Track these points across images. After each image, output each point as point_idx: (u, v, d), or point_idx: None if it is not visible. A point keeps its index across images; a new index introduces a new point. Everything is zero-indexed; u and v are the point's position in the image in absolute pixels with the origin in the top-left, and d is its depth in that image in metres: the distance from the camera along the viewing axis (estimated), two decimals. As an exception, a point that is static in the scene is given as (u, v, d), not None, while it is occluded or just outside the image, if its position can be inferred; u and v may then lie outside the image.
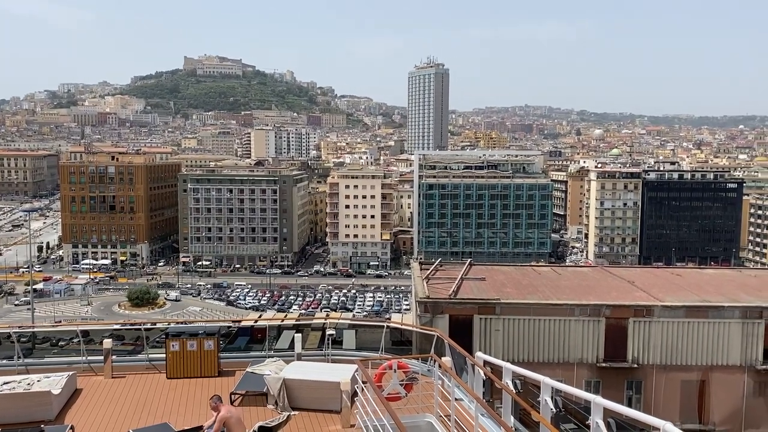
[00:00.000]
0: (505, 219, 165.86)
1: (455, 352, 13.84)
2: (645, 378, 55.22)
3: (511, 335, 56.48)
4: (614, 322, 55.59)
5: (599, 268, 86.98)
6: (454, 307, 57.96)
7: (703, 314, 55.58)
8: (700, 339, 55.39)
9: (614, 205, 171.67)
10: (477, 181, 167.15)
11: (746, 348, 55.59)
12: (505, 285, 64.83)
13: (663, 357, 55.58)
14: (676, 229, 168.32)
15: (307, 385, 13.27)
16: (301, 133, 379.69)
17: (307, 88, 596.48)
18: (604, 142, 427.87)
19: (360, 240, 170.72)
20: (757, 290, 65.16)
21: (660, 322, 55.30)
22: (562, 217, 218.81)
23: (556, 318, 56.69)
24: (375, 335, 17.48)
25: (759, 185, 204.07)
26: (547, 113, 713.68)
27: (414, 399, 11.76)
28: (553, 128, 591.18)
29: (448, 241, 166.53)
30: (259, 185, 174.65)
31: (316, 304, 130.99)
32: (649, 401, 54.67)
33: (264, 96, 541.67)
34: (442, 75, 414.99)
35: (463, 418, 10.71)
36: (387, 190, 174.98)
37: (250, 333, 18.72)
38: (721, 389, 55.45)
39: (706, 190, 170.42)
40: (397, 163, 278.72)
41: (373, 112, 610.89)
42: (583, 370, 55.57)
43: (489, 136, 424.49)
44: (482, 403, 10.10)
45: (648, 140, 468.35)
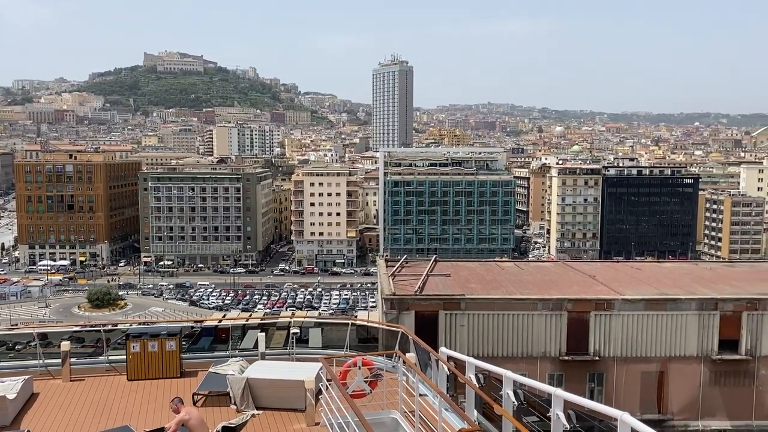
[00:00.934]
0: (470, 215, 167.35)
1: (420, 348, 13.93)
2: (606, 370, 56.46)
3: (476, 330, 57.08)
4: (576, 315, 56.68)
5: (561, 263, 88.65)
6: (420, 303, 58.31)
7: (661, 307, 57.09)
8: (658, 331, 56.88)
9: (575, 201, 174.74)
10: (442, 178, 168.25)
11: (702, 339, 57.29)
12: (470, 281, 65.47)
13: (623, 349, 56.91)
14: (635, 224, 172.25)
15: (271, 384, 13.19)
16: (265, 131, 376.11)
17: (271, 85, 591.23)
18: (565, 139, 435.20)
19: (325, 238, 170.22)
20: (713, 282, 67.19)
21: (620, 315, 56.59)
22: (524, 213, 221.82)
23: (520, 312, 57.53)
24: (341, 333, 17.48)
25: (714, 181, 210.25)
26: (509, 111, 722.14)
27: (379, 395, 11.80)
28: (516, 126, 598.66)
29: (413, 238, 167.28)
30: (222, 183, 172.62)
31: (281, 303, 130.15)
32: (611, 393, 55.92)
33: (226, 93, 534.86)
34: (407, 72, 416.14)
35: (427, 413, 10.79)
36: (352, 187, 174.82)
37: (214, 333, 18.52)
38: (679, 380, 57.02)
39: (663, 185, 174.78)
40: (363, 160, 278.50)
41: (337, 109, 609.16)
42: (547, 364, 56.52)
43: (453, 133, 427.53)
44: (445, 397, 10.19)
45: (608, 137, 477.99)
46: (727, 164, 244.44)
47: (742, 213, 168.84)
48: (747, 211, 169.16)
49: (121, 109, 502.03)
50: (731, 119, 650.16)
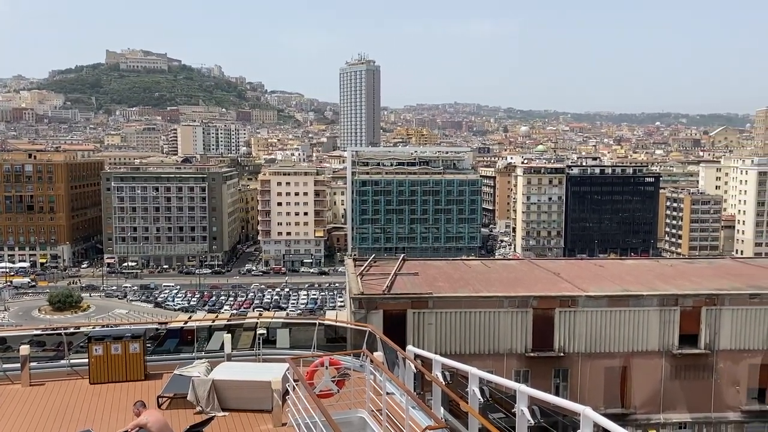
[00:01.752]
0: (437, 214, 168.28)
1: (387, 346, 13.99)
2: (571, 366, 57.39)
3: (443, 328, 57.48)
4: (541, 312, 57.50)
5: (526, 261, 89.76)
6: (388, 302, 58.45)
7: (624, 303, 58.28)
8: (621, 327, 58.08)
9: (540, 200, 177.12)
10: (409, 178, 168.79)
11: (664, 334, 58.67)
12: (438, 279, 65.88)
13: (587, 345, 57.95)
14: (598, 222, 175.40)
15: (237, 385, 13.09)
16: (230, 129, 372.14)
17: (236, 84, 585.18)
18: (530, 139, 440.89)
19: (293, 238, 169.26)
20: (673, 279, 68.84)
21: (584, 311, 57.62)
22: (491, 211, 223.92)
23: (487, 310, 58.13)
24: (309, 333, 17.42)
25: (674, 179, 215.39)
26: (475, 111, 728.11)
27: (346, 395, 11.81)
28: (482, 125, 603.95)
29: (381, 237, 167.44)
30: (187, 183, 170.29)
31: (248, 303, 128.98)
32: (575, 388, 56.88)
33: (191, 91, 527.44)
34: (374, 72, 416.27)
35: (394, 412, 10.85)
36: (320, 186, 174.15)
37: (180, 335, 18.28)
38: (641, 374, 58.30)
39: (625, 184, 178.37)
40: (330, 159, 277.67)
41: (304, 108, 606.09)
42: (513, 360, 57.22)
43: (420, 132, 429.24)
44: (412, 395, 10.26)
45: (571, 137, 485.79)
46: (687, 163, 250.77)
47: (701, 211, 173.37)
48: (706, 209, 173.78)
49: (83, 107, 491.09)
50: (690, 119, 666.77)
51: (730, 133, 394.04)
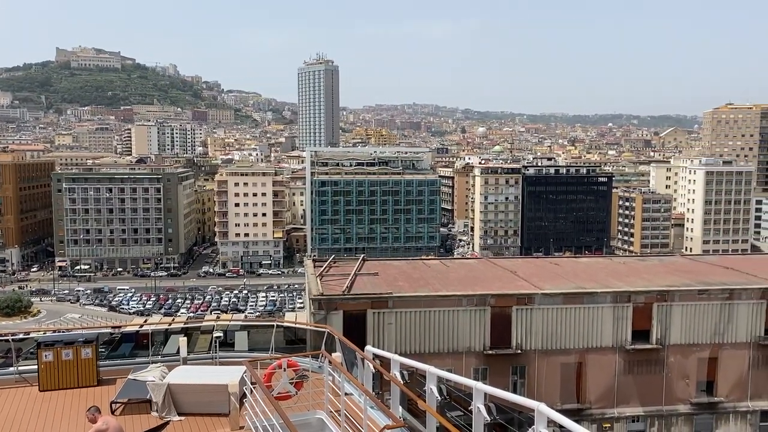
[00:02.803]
0: (397, 214, 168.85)
1: (346, 347, 14.00)
2: (528, 363, 58.41)
3: (403, 328, 57.78)
4: (499, 310, 58.36)
5: (485, 260, 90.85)
6: (348, 302, 58.42)
7: (578, 300, 59.63)
8: (576, 324, 59.39)
9: (497, 200, 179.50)
10: (369, 178, 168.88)
11: (617, 330, 60.20)
12: (397, 279, 66.13)
13: (544, 342, 59.06)
14: (554, 221, 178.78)
15: (193, 389, 12.90)
16: (186, 129, 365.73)
17: (192, 83, 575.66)
18: (487, 140, 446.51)
19: (251, 239, 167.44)
20: (626, 276, 70.66)
21: (541, 309, 58.70)
22: (449, 211, 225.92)
23: (446, 309, 58.65)
24: (268, 336, 17.30)
25: (626, 179, 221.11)
26: (434, 111, 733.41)
27: (304, 396, 11.78)
28: (440, 126, 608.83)
29: (341, 238, 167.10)
30: (142, 184, 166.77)
31: (205, 306, 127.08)
32: (533, 385, 57.90)
33: (145, 90, 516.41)
34: (332, 72, 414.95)
35: (352, 412, 10.87)
36: (278, 187, 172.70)
37: (135, 339, 17.93)
38: (596, 370, 59.73)
39: (579, 184, 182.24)
40: (289, 159, 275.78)
41: (262, 107, 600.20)
42: (471, 358, 57.90)
43: (379, 133, 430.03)
44: (370, 395, 10.29)
45: (527, 137, 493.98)
46: (638, 163, 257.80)
47: (652, 210, 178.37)
48: (656, 208, 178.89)
49: (32, 106, 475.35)
50: (641, 120, 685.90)
51: (679, 134, 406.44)
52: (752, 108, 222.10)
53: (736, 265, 75.43)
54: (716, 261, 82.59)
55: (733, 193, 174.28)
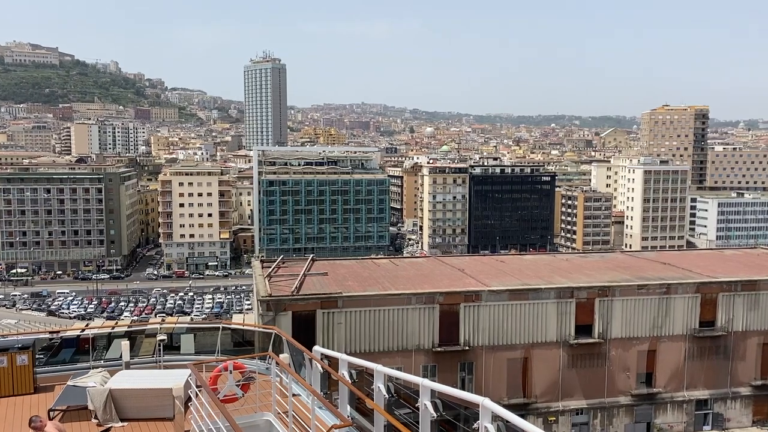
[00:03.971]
0: (346, 214, 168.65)
1: (294, 348, 13.93)
2: (476, 359, 59.37)
3: (353, 327, 57.83)
4: (447, 308, 59.15)
5: (433, 258, 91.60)
6: (297, 303, 58.07)
7: (524, 297, 60.98)
8: (522, 319, 60.71)
9: (445, 199, 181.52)
10: (317, 177, 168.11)
11: (561, 325, 61.84)
12: (347, 279, 66.10)
13: (491, 338, 60.17)
14: (500, 219, 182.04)
15: (136, 394, 12.59)
16: (129, 128, 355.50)
17: (134, 80, 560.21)
18: (435, 140, 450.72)
19: (197, 240, 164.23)
20: (569, 272, 72.58)
21: (487, 305, 59.78)
22: (398, 210, 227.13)
23: (395, 308, 59.04)
24: (215, 338, 17.05)
25: (568, 178, 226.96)
26: (382, 111, 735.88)
27: (252, 398, 11.67)
28: (389, 126, 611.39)
29: (290, 238, 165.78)
30: (82, 184, 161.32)
31: (150, 309, 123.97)
32: (480, 380, 58.89)
33: (85, 88, 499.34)
34: (279, 70, 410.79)
35: (300, 413, 10.83)
36: (225, 187, 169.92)
37: (76, 344, 17.35)
38: (541, 364, 61.20)
39: (524, 183, 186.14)
40: (235, 159, 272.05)
41: (207, 106, 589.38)
42: (421, 356, 58.49)
43: (328, 132, 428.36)
44: (318, 395, 10.28)
45: (474, 137, 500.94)
46: (580, 163, 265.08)
47: (593, 207, 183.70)
48: (598, 206, 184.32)
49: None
50: (583, 121, 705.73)
51: (619, 135, 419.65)
52: (687, 109, 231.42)
53: (673, 260, 78.61)
54: (654, 257, 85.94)
55: (670, 191, 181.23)
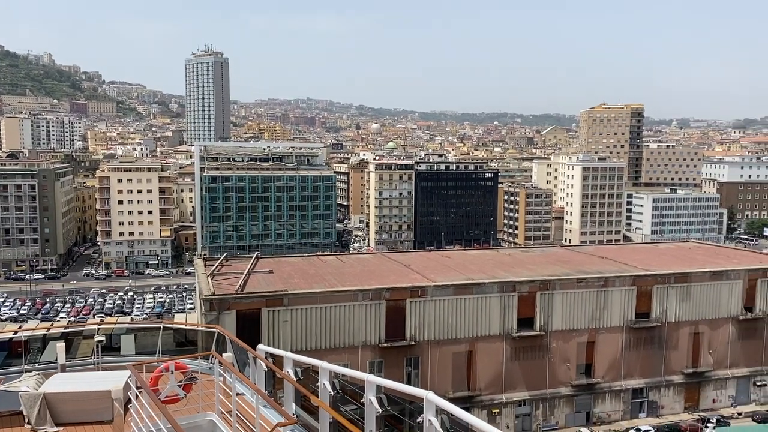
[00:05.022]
0: (292, 211, 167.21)
1: (238, 347, 13.77)
2: (422, 354, 60.07)
3: (299, 325, 57.46)
4: (394, 303, 59.61)
5: (380, 254, 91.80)
6: (241, 302, 57.28)
7: (468, 291, 62.01)
8: (466, 313, 61.69)
9: (391, 195, 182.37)
10: (262, 174, 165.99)
11: (504, 319, 63.18)
12: (293, 276, 65.58)
13: (436, 333, 60.96)
14: (445, 215, 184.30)
15: (72, 397, 12.17)
16: (64, 122, 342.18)
17: (70, 73, 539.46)
18: (381, 136, 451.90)
19: (137, 238, 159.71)
20: (511, 267, 73.99)
21: (433, 300, 60.48)
22: (345, 207, 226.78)
23: (342, 304, 59.02)
24: (156, 338, 16.66)
25: (511, 175, 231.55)
26: (328, 107, 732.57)
27: (194, 399, 11.47)
28: (335, 122, 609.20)
29: (234, 235, 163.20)
30: (14, 180, 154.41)
31: (87, 309, 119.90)
32: (426, 375, 59.62)
33: (16, 80, 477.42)
34: (222, 64, 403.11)
35: (244, 412, 10.72)
36: (165, 183, 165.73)
37: (8, 347, 16.62)
38: (485, 358, 62.39)
39: (468, 179, 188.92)
40: (176, 154, 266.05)
41: (147, 100, 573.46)
42: (367, 352, 58.73)
43: (273, 127, 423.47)
44: (262, 394, 10.18)
45: (419, 134, 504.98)
46: (522, 160, 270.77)
47: (534, 203, 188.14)
48: (538, 202, 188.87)
49: None
50: (525, 119, 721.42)
51: (558, 132, 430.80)
52: (623, 108, 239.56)
53: (610, 254, 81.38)
54: (592, 251, 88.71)
55: (607, 187, 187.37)
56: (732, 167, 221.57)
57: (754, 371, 72.82)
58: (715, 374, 71.07)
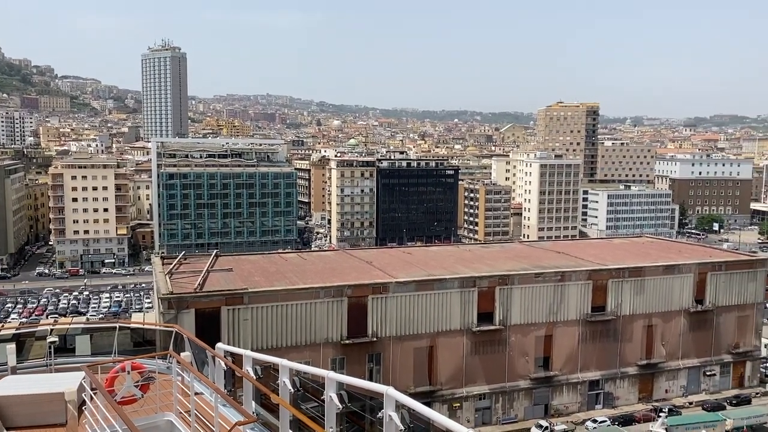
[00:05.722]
0: (252, 208, 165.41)
1: (196, 346, 13.61)
2: (384, 350, 60.28)
3: (260, 323, 56.98)
4: (355, 300, 59.63)
5: (342, 251, 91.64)
6: (201, 300, 56.51)
7: (429, 287, 62.47)
8: (428, 309, 62.13)
9: (353, 192, 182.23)
10: (221, 170, 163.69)
11: (464, 314, 63.84)
12: (253, 274, 64.97)
13: (398, 329, 61.26)
14: (406, 212, 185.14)
15: (23, 400, 11.82)
16: (14, 118, 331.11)
17: (20, 66, 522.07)
18: (343, 133, 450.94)
19: (92, 236, 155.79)
20: (471, 262, 74.78)
21: (395, 297, 60.73)
22: (306, 204, 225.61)
23: (303, 302, 58.76)
24: (113, 338, 16.33)
25: (471, 172, 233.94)
26: (288, 103, 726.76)
27: (152, 399, 11.29)
28: (295, 118, 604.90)
29: (192, 233, 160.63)
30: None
31: (40, 310, 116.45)
32: (388, 371, 59.85)
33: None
34: (179, 59, 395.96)
35: (203, 411, 10.60)
36: (121, 180, 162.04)
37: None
38: (446, 352, 62.96)
39: (429, 176, 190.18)
40: (133, 151, 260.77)
41: (102, 95, 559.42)
42: (329, 349, 58.66)
43: (232, 123, 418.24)
44: (221, 393, 10.09)
45: (380, 131, 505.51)
46: (481, 157, 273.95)
47: (493, 200, 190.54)
48: (498, 198, 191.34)
49: None
50: (484, 117, 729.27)
51: (517, 130, 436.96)
52: (579, 106, 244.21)
53: (567, 249, 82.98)
54: (550, 246, 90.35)
55: (564, 184, 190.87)
56: (683, 164, 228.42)
57: (704, 362, 75.35)
58: (667, 365, 73.26)
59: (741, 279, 76.10)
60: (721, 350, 76.09)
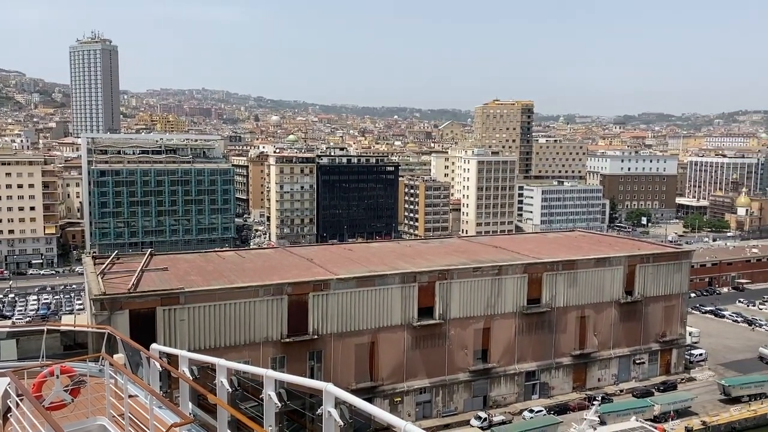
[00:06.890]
0: (188, 205, 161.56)
1: (129, 347, 13.24)
2: (325, 347, 60.12)
3: (197, 323, 55.80)
4: (296, 298, 59.21)
5: (281, 249, 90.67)
6: (135, 301, 54.89)
7: (370, 283, 62.69)
8: (369, 305, 62.33)
9: (293, 189, 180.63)
10: (155, 167, 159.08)
11: (405, 309, 64.40)
12: (190, 273, 63.53)
13: (339, 326, 61.21)
14: (347, 208, 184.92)
15: (-58, 410, 11.22)
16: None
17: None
18: (281, 129, 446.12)
19: (17, 236, 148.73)
20: (412, 258, 75.44)
21: (336, 294, 60.64)
22: (245, 201, 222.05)
23: (242, 301, 57.91)
24: (41, 342, 15.66)
25: (411, 168, 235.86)
26: (225, 98, 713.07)
27: (83, 403, 10.91)
28: (232, 113, 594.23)
29: (125, 232, 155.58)
30: None
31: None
32: (329, 368, 59.72)
33: None
34: (110, 52, 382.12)
35: (138, 414, 10.34)
36: (49, 177, 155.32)
37: None
38: (387, 348, 63.38)
39: (369, 173, 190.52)
40: (61, 147, 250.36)
41: (27, 89, 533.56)
42: (269, 348, 58.05)
43: (166, 119, 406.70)
44: (156, 394, 9.86)
45: (320, 127, 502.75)
46: (421, 153, 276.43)
47: (433, 196, 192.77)
48: (437, 194, 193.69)
49: None
50: (423, 114, 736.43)
51: (455, 127, 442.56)
52: (515, 104, 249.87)
53: (504, 244, 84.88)
54: (487, 241, 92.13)
55: (500, 180, 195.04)
56: (613, 160, 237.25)
57: (633, 350, 78.67)
58: (599, 355, 76.09)
59: (667, 270, 79.82)
60: (649, 339, 79.61)
